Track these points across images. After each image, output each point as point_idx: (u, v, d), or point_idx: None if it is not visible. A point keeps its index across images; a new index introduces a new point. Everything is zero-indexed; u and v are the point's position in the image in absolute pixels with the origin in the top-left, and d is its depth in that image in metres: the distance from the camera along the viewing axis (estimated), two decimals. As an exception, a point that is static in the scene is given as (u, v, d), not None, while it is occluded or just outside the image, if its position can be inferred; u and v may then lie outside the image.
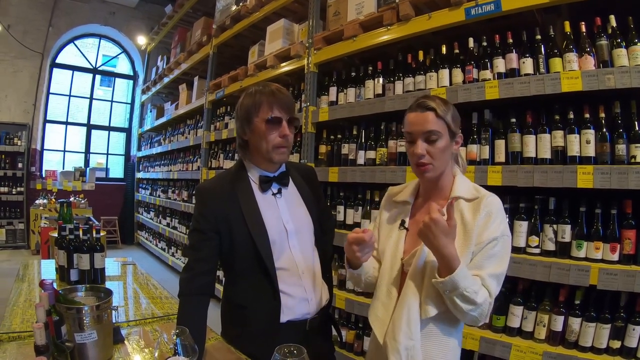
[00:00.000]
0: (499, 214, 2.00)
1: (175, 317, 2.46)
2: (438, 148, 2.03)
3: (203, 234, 2.27)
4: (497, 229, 1.96)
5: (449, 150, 2.09)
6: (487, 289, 1.91)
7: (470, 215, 2.01)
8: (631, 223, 2.98)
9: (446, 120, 2.04)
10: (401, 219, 2.22)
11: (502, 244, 1.98)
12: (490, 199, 2.02)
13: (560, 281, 3.10)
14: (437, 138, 2.03)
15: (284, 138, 2.28)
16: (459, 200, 2.05)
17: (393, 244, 2.19)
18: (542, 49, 3.43)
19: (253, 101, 2.29)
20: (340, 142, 4.99)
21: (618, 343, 2.96)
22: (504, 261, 1.99)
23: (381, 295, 2.14)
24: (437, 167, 2.07)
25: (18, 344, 2.32)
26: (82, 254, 3.42)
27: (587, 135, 3.14)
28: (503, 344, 3.28)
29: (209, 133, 8.31)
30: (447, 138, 2.05)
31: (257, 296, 2.29)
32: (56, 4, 12.24)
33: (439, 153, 2.04)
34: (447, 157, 2.09)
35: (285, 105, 2.29)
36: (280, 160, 2.36)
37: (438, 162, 2.05)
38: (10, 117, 11.69)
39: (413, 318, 1.97)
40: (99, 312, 2.09)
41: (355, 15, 4.83)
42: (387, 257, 2.18)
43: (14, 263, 9.43)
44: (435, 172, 2.08)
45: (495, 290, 1.94)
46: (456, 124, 2.10)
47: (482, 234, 1.96)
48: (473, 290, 1.84)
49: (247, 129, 2.33)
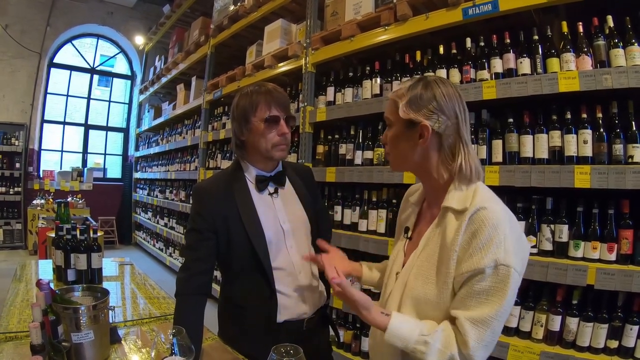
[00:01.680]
0: (493, 233, 1.51)
1: (172, 317, 2.46)
2: (388, 136, 1.81)
3: (200, 234, 2.27)
4: (486, 255, 1.51)
5: (404, 141, 1.74)
6: (464, 336, 1.52)
7: (452, 232, 1.62)
8: (628, 223, 2.98)
9: (398, 103, 1.72)
10: (406, 226, 1.98)
11: (495, 278, 1.50)
12: (483, 212, 1.56)
13: (558, 281, 3.10)
14: (389, 124, 1.80)
15: (283, 136, 2.30)
16: (448, 213, 1.68)
17: (395, 253, 1.99)
18: (539, 49, 3.43)
19: (250, 101, 2.30)
20: (338, 142, 4.99)
21: (615, 343, 2.97)
22: (497, 302, 1.50)
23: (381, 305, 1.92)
24: (395, 158, 1.83)
25: (15, 344, 2.32)
26: (80, 254, 3.41)
27: (585, 135, 3.14)
28: (500, 344, 3.27)
29: (206, 133, 8.31)
30: (399, 126, 1.74)
31: (254, 296, 2.29)
32: (54, 4, 12.23)
33: (390, 142, 1.81)
34: (403, 149, 1.76)
35: (282, 104, 2.31)
36: (280, 157, 2.37)
37: (393, 152, 1.81)
38: (8, 117, 11.68)
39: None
40: (96, 312, 2.10)
41: (352, 16, 4.83)
42: (389, 267, 1.98)
43: (11, 263, 9.40)
44: (393, 164, 1.87)
45: (475, 342, 1.50)
46: (415, 108, 1.68)
47: (462, 262, 1.56)
48: (419, 351, 1.56)
49: (245, 129, 2.33)
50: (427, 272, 1.68)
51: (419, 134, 1.69)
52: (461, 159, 1.68)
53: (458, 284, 1.58)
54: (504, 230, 1.52)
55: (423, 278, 1.68)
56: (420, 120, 1.67)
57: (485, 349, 1.53)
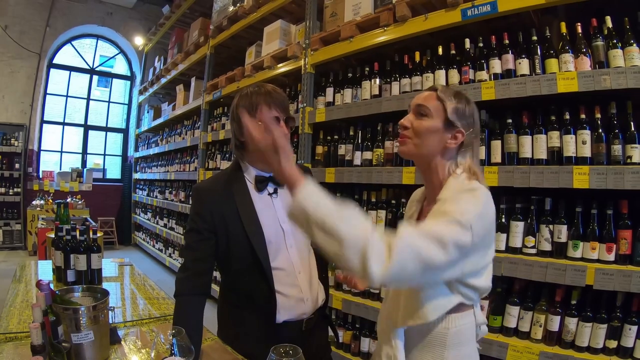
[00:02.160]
0: (466, 193, 1.67)
1: (172, 317, 2.47)
2: (423, 125, 1.86)
3: (199, 234, 2.28)
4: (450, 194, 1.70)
5: (438, 137, 1.86)
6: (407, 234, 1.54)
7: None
8: (627, 223, 2.99)
9: (445, 104, 1.85)
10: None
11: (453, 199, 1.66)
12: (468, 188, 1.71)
13: (557, 281, 3.11)
14: (426, 114, 1.87)
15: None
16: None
17: None
18: (538, 50, 3.44)
19: (250, 102, 2.29)
20: (337, 142, 5.00)
21: (614, 343, 2.98)
22: (464, 203, 1.63)
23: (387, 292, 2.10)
24: (416, 146, 1.89)
25: (15, 345, 2.32)
26: (79, 255, 3.40)
27: (583, 135, 3.15)
28: (500, 344, 3.29)
29: (206, 134, 8.30)
30: (438, 122, 1.85)
31: (253, 296, 2.29)
32: (53, 5, 12.22)
33: (422, 130, 1.86)
34: (432, 142, 1.86)
35: (282, 105, 2.32)
36: None
37: (418, 140, 1.88)
38: (7, 117, 11.67)
39: (392, 327, 1.83)
40: (96, 312, 2.09)
41: (352, 16, 4.83)
42: None
43: (11, 264, 9.41)
44: (411, 149, 1.91)
45: (440, 231, 1.54)
46: (458, 115, 1.84)
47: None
48: (336, 218, 1.64)
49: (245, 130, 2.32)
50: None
51: (452, 135, 1.85)
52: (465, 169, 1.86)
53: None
54: (478, 198, 1.65)
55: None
56: (459, 126, 1.85)
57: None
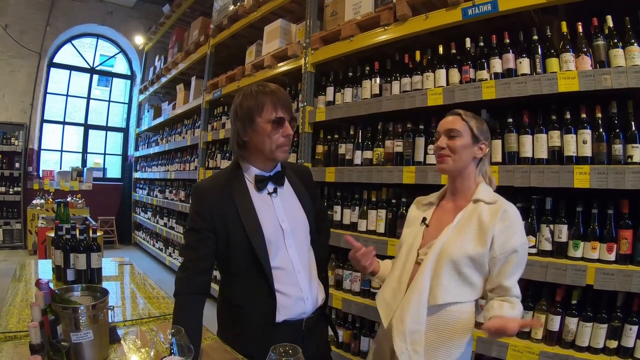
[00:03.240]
0: (519, 225, 2.20)
1: (172, 317, 2.47)
2: (457, 144, 2.30)
3: (199, 233, 2.27)
4: (518, 239, 2.16)
5: (469, 150, 2.32)
6: (516, 294, 2.17)
7: (488, 217, 2.20)
8: (628, 223, 2.99)
9: (469, 124, 2.32)
10: (423, 217, 2.46)
11: (523, 253, 2.18)
12: (511, 210, 2.22)
13: (557, 281, 3.11)
14: (457, 135, 2.31)
15: (287, 137, 2.31)
16: (479, 202, 2.28)
17: (412, 237, 2.43)
18: (539, 49, 3.44)
19: (255, 102, 2.29)
20: (337, 142, 5.00)
21: (615, 343, 2.98)
22: (523, 267, 2.21)
23: (392, 282, 2.37)
24: (455, 161, 2.31)
25: (14, 344, 2.32)
26: (79, 254, 3.41)
27: (584, 135, 3.15)
28: (500, 344, 3.28)
29: (206, 133, 8.30)
30: (468, 139, 2.31)
31: (253, 295, 2.28)
32: (54, 4, 12.23)
33: (458, 148, 2.29)
34: (466, 156, 2.32)
35: (287, 105, 2.32)
36: (283, 159, 2.39)
37: (456, 156, 2.31)
38: (8, 116, 11.68)
39: (422, 303, 2.17)
40: (95, 311, 2.09)
41: (352, 16, 4.83)
42: (404, 249, 2.42)
43: (11, 263, 9.42)
44: (451, 165, 2.33)
45: (516, 289, 2.18)
46: (480, 131, 2.33)
47: (506, 244, 2.15)
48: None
49: (250, 129, 2.31)
50: (465, 235, 2.21)
51: (479, 148, 2.34)
52: (488, 174, 2.45)
53: (501, 258, 2.16)
54: (521, 222, 2.24)
55: (461, 240, 2.20)
56: (482, 140, 2.35)
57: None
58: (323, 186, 5.08)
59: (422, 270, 2.22)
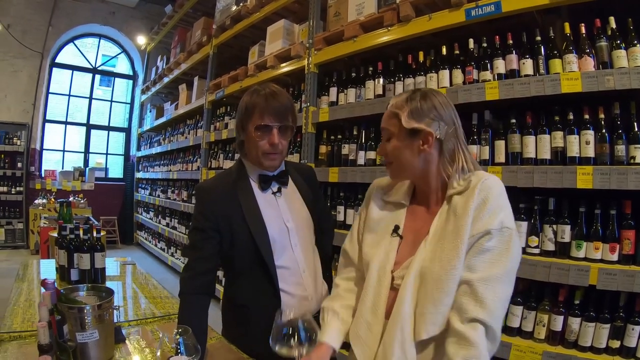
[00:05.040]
0: (497, 199, 1.69)
1: (176, 316, 2.47)
2: (391, 146, 1.87)
3: (203, 233, 2.28)
4: (493, 218, 1.66)
5: (409, 150, 1.83)
6: (480, 301, 1.58)
7: (462, 205, 1.72)
8: (630, 223, 3.00)
9: (398, 115, 1.83)
10: (395, 225, 1.96)
11: (500, 239, 1.64)
12: (488, 181, 1.72)
13: (560, 281, 3.11)
14: (389, 137, 1.89)
15: (273, 146, 2.27)
16: (453, 197, 1.79)
17: (382, 253, 1.91)
18: (542, 50, 3.45)
19: (247, 104, 2.30)
20: (341, 142, 5.02)
21: (617, 343, 2.98)
22: (504, 262, 1.62)
23: (365, 312, 1.86)
24: (397, 168, 1.90)
25: (19, 344, 2.32)
26: (83, 254, 3.42)
27: (587, 136, 3.16)
28: (503, 344, 3.28)
29: (208, 133, 8.34)
30: (402, 136, 1.83)
31: (257, 295, 2.30)
32: (56, 4, 12.25)
33: (393, 152, 1.87)
34: (407, 157, 1.84)
35: (277, 113, 2.26)
36: (270, 166, 2.36)
37: (396, 163, 1.88)
38: (10, 116, 11.70)
39: (408, 340, 1.69)
40: (101, 311, 2.09)
41: (355, 16, 4.85)
42: (374, 269, 1.89)
43: (13, 263, 9.46)
44: (395, 174, 1.95)
45: (492, 302, 1.57)
46: (418, 118, 1.80)
47: (475, 225, 1.67)
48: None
49: (242, 131, 2.35)
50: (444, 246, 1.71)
51: (421, 141, 1.80)
52: (462, 161, 1.83)
53: (471, 239, 1.67)
54: (505, 199, 1.72)
55: (441, 251, 1.71)
56: (423, 128, 1.79)
57: (502, 309, 1.61)
58: (326, 186, 5.08)
59: (401, 299, 1.74)
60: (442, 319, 1.64)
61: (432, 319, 1.65)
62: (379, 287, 1.85)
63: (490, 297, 1.56)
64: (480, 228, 1.65)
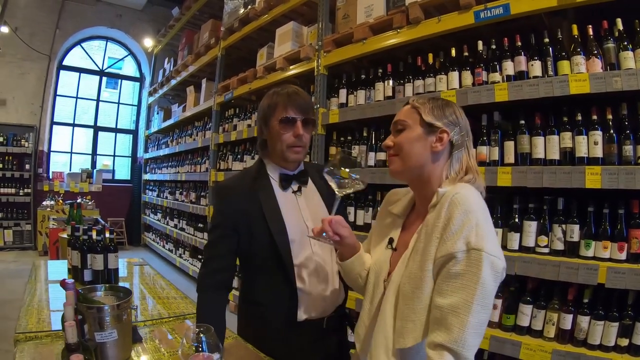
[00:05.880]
0: (464, 216, 1.58)
1: (190, 316, 2.51)
2: (403, 137, 1.85)
3: (223, 231, 2.32)
4: (456, 239, 1.57)
5: (422, 143, 1.82)
6: (449, 329, 1.52)
7: (432, 223, 1.70)
8: (638, 222, 3.02)
9: (419, 110, 1.84)
10: (390, 237, 2.03)
11: (468, 262, 1.55)
12: (457, 196, 1.64)
13: (569, 280, 3.13)
14: (403, 128, 1.87)
15: (298, 138, 2.33)
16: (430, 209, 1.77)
17: (378, 262, 1.99)
18: (550, 52, 3.47)
19: (270, 102, 2.37)
20: (351, 143, 5.04)
21: (626, 341, 2.99)
22: (474, 288, 1.52)
23: (364, 315, 1.98)
24: (403, 160, 1.85)
25: (35, 344, 2.33)
26: (96, 255, 3.42)
27: (595, 136, 3.18)
28: (513, 343, 3.32)
29: (217, 135, 8.36)
30: (418, 129, 1.83)
31: (275, 294, 2.32)
32: (63, 7, 12.32)
33: (404, 143, 1.84)
34: (417, 151, 1.82)
35: (299, 106, 2.34)
36: (295, 159, 2.41)
37: (404, 154, 1.84)
38: (18, 118, 11.79)
39: (389, 347, 1.73)
40: (119, 311, 2.10)
41: (364, 18, 4.88)
42: (372, 277, 1.99)
43: (21, 264, 9.53)
44: (398, 166, 1.89)
45: (460, 330, 1.50)
46: (437, 116, 1.82)
47: (440, 247, 1.62)
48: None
49: (265, 129, 2.40)
50: (413, 272, 1.71)
51: (435, 138, 1.81)
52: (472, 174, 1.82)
53: (436, 269, 1.63)
54: (476, 216, 1.58)
55: (410, 279, 1.71)
56: (440, 125, 1.81)
57: (474, 335, 1.52)
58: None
59: (383, 309, 1.80)
60: (412, 334, 1.65)
61: (401, 332, 1.68)
62: (373, 295, 1.94)
63: (458, 326, 1.50)
64: (444, 251, 1.59)
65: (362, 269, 2.08)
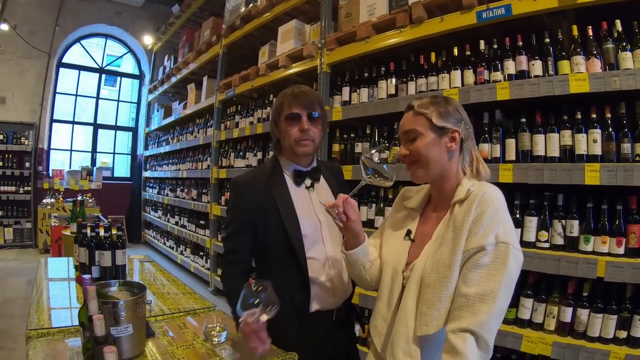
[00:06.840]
0: (494, 214, 1.73)
1: (200, 311, 2.58)
2: (417, 146, 1.94)
3: (238, 225, 2.42)
4: (487, 233, 1.71)
5: (438, 146, 1.93)
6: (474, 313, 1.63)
7: (461, 217, 1.80)
8: (636, 218, 3.09)
9: (426, 116, 1.94)
10: (407, 229, 2.11)
11: (496, 254, 1.69)
12: (486, 195, 1.78)
13: (569, 274, 3.19)
14: (416, 136, 1.96)
15: (304, 132, 2.41)
16: (456, 205, 1.89)
17: (395, 254, 2.07)
18: (551, 52, 3.52)
19: (277, 103, 2.49)
20: (354, 141, 5.09)
21: (624, 333, 3.06)
22: (500, 277, 1.66)
23: (381, 307, 2.04)
24: (427, 168, 1.95)
25: (47, 340, 2.36)
26: (104, 251, 3.47)
27: (594, 134, 3.24)
28: (514, 335, 3.39)
29: (219, 132, 8.39)
30: (430, 134, 1.93)
31: (287, 286, 2.34)
32: (62, 4, 12.31)
33: (422, 150, 1.93)
34: (437, 155, 1.93)
35: (303, 103, 2.43)
36: (303, 152, 2.47)
37: (424, 161, 1.94)
38: (18, 116, 11.78)
39: (412, 335, 1.82)
40: (134, 306, 2.14)
41: (367, 17, 4.91)
42: (388, 269, 2.06)
43: (22, 262, 9.56)
44: (424, 175, 1.99)
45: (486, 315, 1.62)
46: (444, 117, 1.93)
47: (470, 240, 1.74)
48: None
49: (276, 129, 2.51)
50: (443, 252, 1.81)
51: (448, 138, 1.94)
52: (478, 163, 2.01)
53: (464, 261, 1.74)
54: (503, 214, 1.75)
55: (440, 256, 1.81)
56: (451, 126, 1.94)
57: (496, 321, 1.65)
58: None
59: (405, 298, 1.89)
60: (436, 321, 1.75)
61: (426, 320, 1.77)
62: (392, 286, 2.01)
63: (484, 311, 1.62)
64: (475, 243, 1.71)
65: (366, 260, 2.14)
